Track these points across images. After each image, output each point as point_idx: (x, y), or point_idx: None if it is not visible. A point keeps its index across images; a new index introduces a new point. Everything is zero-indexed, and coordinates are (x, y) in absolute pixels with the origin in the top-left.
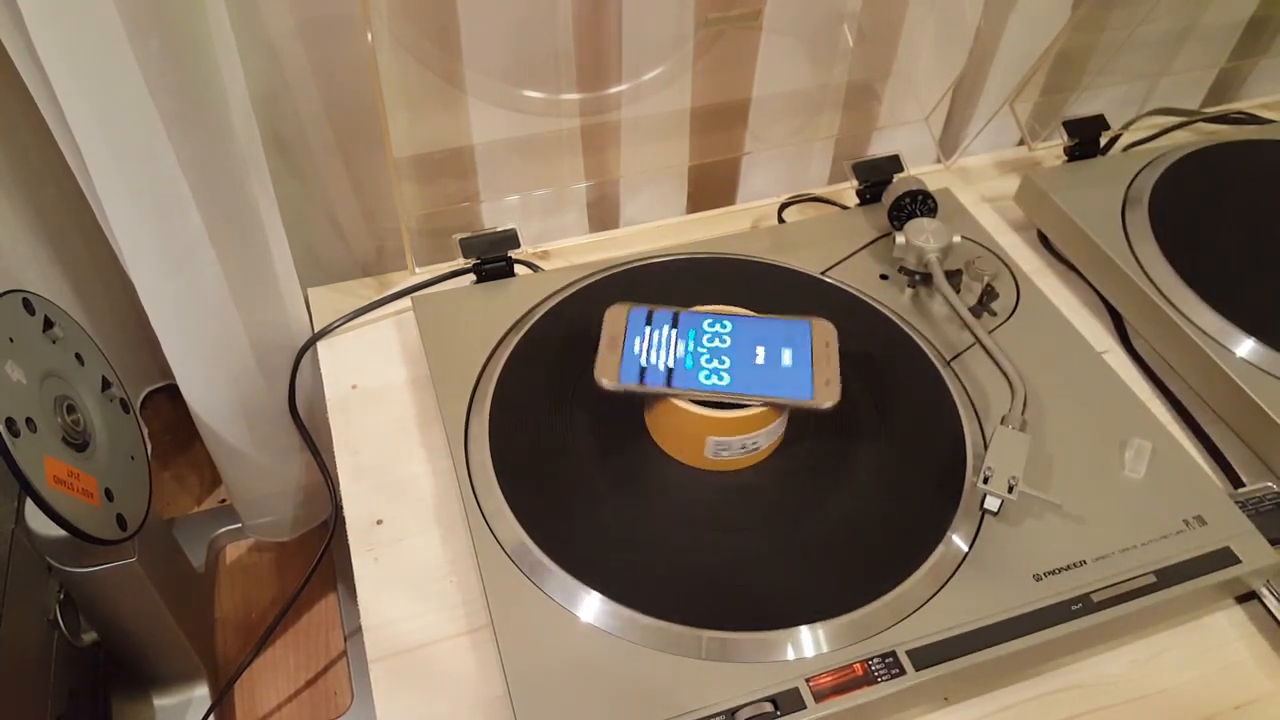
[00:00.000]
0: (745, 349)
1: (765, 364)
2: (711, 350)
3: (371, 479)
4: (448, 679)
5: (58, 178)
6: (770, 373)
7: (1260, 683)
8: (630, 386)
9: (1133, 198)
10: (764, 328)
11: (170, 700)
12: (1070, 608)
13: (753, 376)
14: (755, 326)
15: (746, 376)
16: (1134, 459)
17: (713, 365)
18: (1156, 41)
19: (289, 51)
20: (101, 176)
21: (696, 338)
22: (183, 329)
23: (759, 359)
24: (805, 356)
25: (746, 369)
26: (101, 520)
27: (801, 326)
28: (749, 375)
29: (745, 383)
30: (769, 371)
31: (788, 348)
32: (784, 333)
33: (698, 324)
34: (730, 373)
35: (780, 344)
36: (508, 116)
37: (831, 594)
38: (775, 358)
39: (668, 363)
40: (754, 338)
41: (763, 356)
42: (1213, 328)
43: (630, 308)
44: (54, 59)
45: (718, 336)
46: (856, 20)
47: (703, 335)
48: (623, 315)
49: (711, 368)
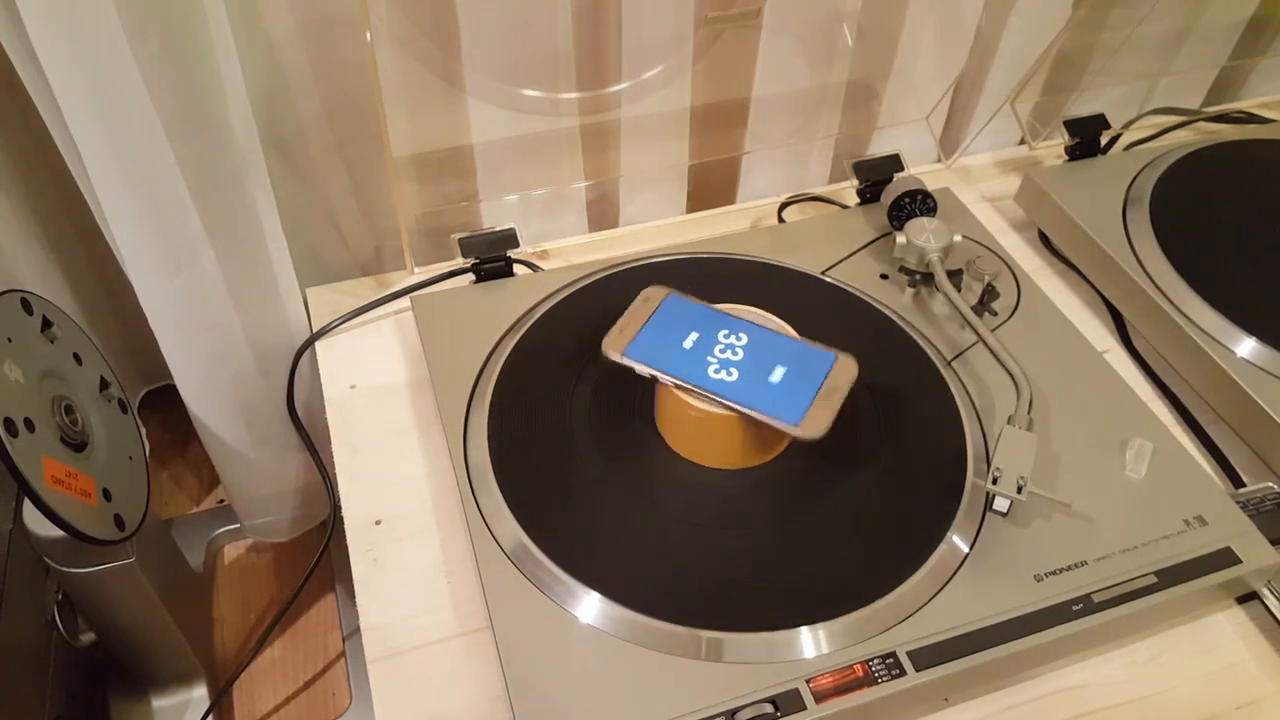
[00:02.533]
0: (758, 361)
1: (767, 380)
2: (724, 354)
3: (370, 479)
4: (447, 679)
5: (57, 178)
6: (767, 389)
7: (1261, 683)
8: (628, 362)
9: (1133, 197)
10: (785, 347)
11: (168, 701)
12: (1071, 608)
13: (749, 386)
14: (775, 343)
15: (743, 383)
16: (1135, 459)
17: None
18: (1157, 41)
19: (288, 51)
20: (100, 176)
21: (713, 339)
22: (181, 329)
23: (764, 373)
24: (813, 386)
25: (747, 377)
26: (99, 520)
27: (824, 357)
28: (746, 383)
29: (738, 388)
30: (766, 387)
31: (797, 372)
32: (802, 356)
33: (717, 328)
34: (729, 374)
35: (792, 366)
36: (507, 116)
37: (832, 594)
38: (779, 377)
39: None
40: (769, 353)
41: (769, 373)
42: (1213, 327)
43: (669, 292)
44: (53, 59)
45: (731, 348)
46: (856, 20)
47: (718, 339)
48: (658, 297)
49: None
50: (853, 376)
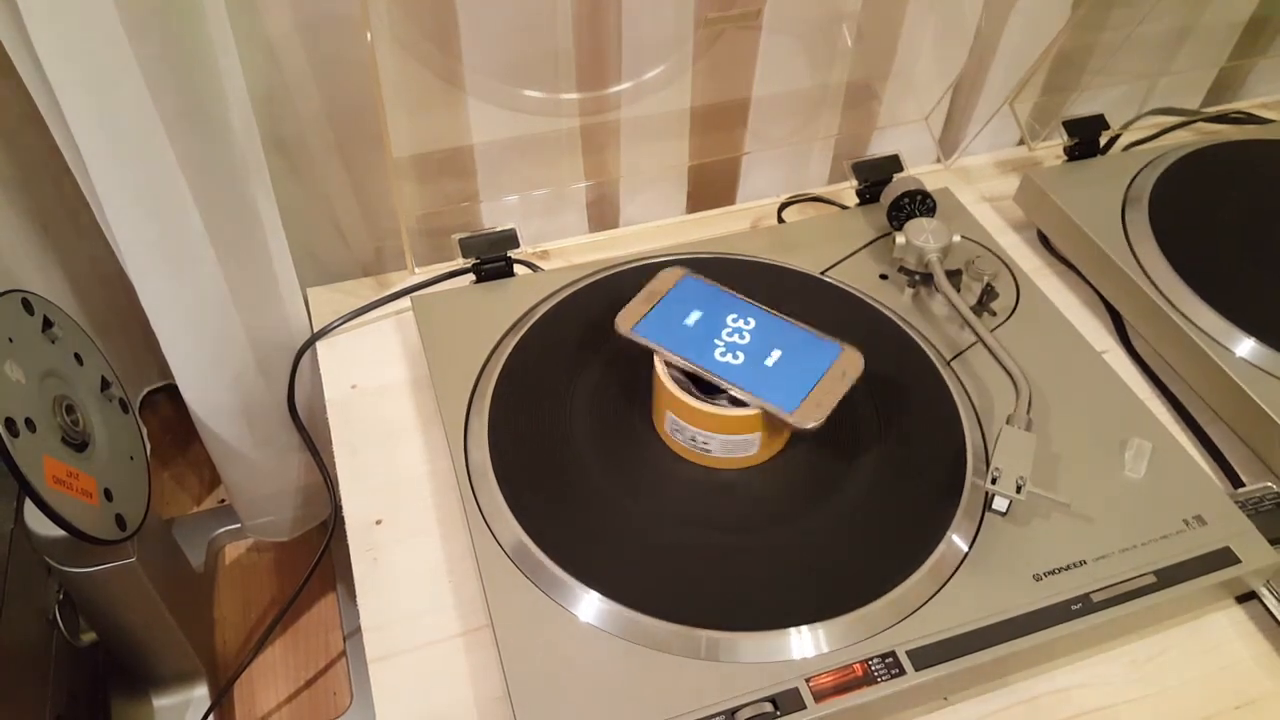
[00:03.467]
0: (763, 346)
1: (770, 367)
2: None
3: (371, 479)
4: (448, 679)
5: (58, 178)
6: (770, 376)
7: (1260, 683)
8: (637, 338)
9: (1132, 197)
10: (791, 334)
11: (169, 700)
12: (1070, 608)
13: (753, 373)
14: (782, 330)
15: (743, 367)
16: (1134, 459)
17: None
18: (1156, 41)
19: (289, 51)
20: (101, 176)
21: (721, 322)
22: (182, 329)
23: (769, 360)
24: (813, 376)
25: (748, 361)
26: (101, 520)
27: (830, 348)
28: (746, 367)
29: (738, 371)
30: (770, 374)
31: (802, 360)
32: (808, 346)
33: (726, 311)
34: (733, 357)
35: (796, 353)
36: (507, 116)
37: (831, 594)
38: (784, 365)
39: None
40: (776, 339)
41: (773, 360)
42: (1212, 327)
43: (684, 273)
44: (54, 59)
45: (739, 332)
46: (856, 20)
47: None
48: (675, 277)
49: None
50: (858, 370)
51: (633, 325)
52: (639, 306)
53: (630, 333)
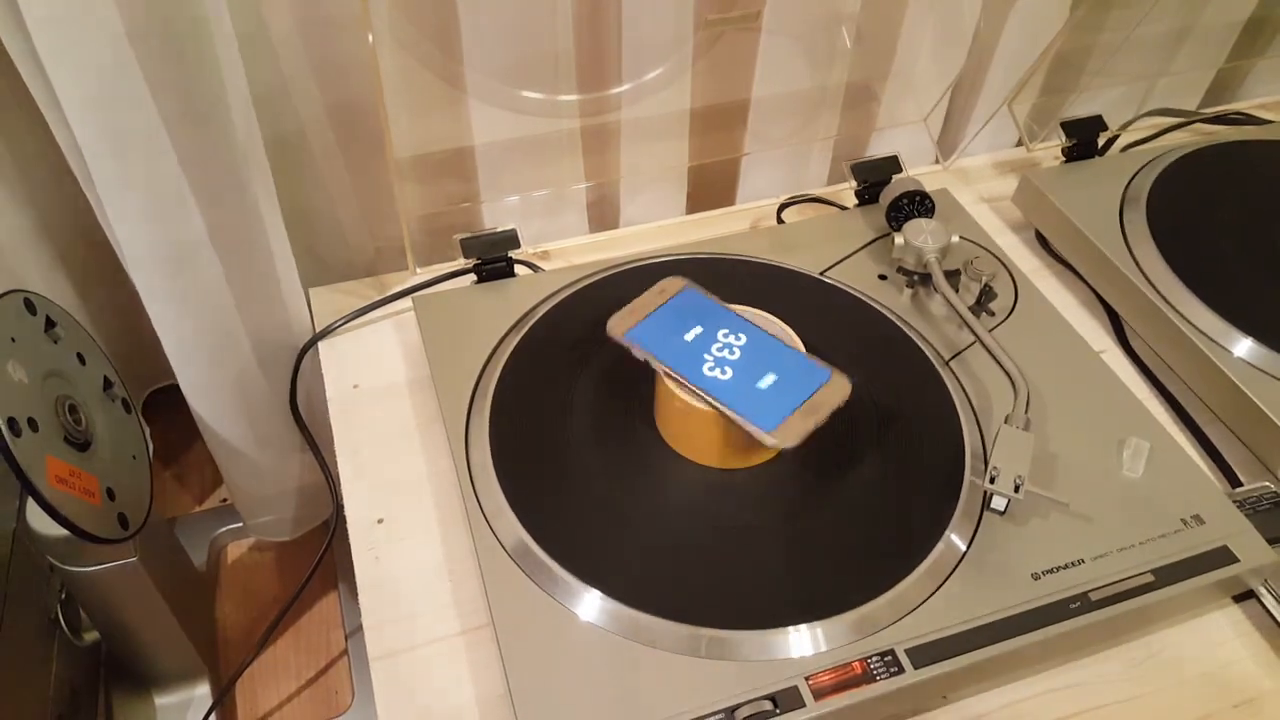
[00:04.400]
0: (751, 364)
1: (757, 386)
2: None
3: (372, 478)
4: (449, 677)
5: (58, 178)
6: (752, 392)
7: (1258, 682)
8: (628, 344)
9: (1131, 198)
10: (782, 355)
11: (171, 699)
12: (1068, 606)
13: (734, 386)
14: (773, 350)
15: (730, 383)
16: (1132, 458)
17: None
18: (1155, 42)
19: (290, 51)
20: (103, 176)
21: (712, 336)
22: (184, 329)
23: (756, 379)
24: (798, 398)
25: (736, 378)
26: (103, 519)
27: (819, 373)
28: (732, 383)
29: (723, 386)
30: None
31: (787, 381)
32: (796, 367)
33: (718, 326)
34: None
35: (783, 374)
36: (508, 117)
37: (830, 592)
38: (770, 384)
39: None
40: (765, 358)
41: (760, 378)
42: (1210, 328)
43: (686, 285)
44: (55, 59)
45: (729, 347)
46: (855, 21)
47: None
48: (675, 287)
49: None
50: (843, 398)
51: (625, 331)
52: (634, 312)
53: (622, 338)
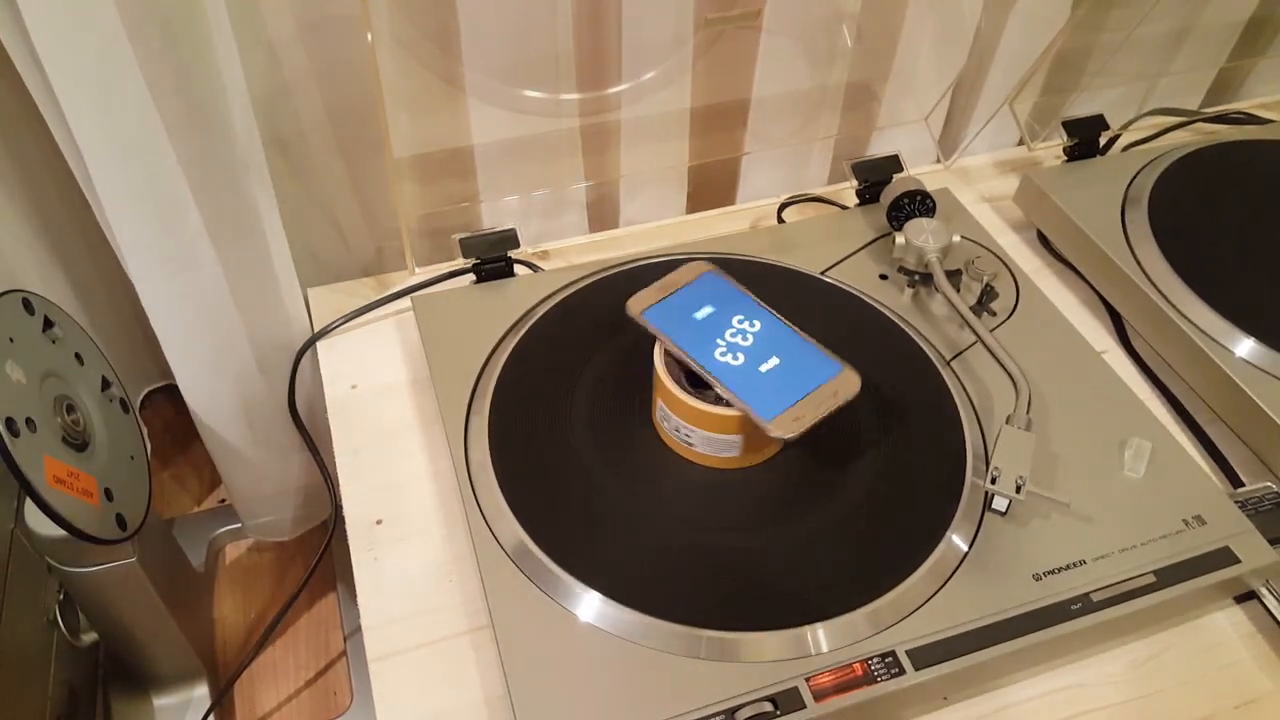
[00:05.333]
0: (761, 350)
1: (764, 373)
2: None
3: (371, 479)
4: (448, 679)
5: (58, 178)
6: (761, 381)
7: (1260, 683)
8: (645, 323)
9: (1132, 198)
10: (793, 344)
11: (170, 700)
12: (1070, 607)
13: (745, 375)
14: (789, 341)
15: (742, 372)
16: (1133, 459)
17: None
18: (1155, 42)
19: (289, 51)
20: (101, 176)
21: (727, 322)
22: (183, 329)
23: (764, 366)
24: (803, 389)
25: (749, 367)
26: (101, 520)
27: (829, 365)
28: (744, 373)
29: (734, 376)
30: (761, 380)
31: (794, 370)
32: (806, 358)
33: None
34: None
35: (791, 363)
36: (508, 117)
37: (831, 593)
38: (778, 373)
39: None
40: (778, 348)
41: (768, 366)
42: (1212, 327)
43: (708, 269)
44: (55, 59)
45: (743, 333)
46: (856, 21)
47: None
48: (695, 271)
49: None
50: (851, 393)
51: (643, 310)
52: (654, 293)
53: (639, 316)
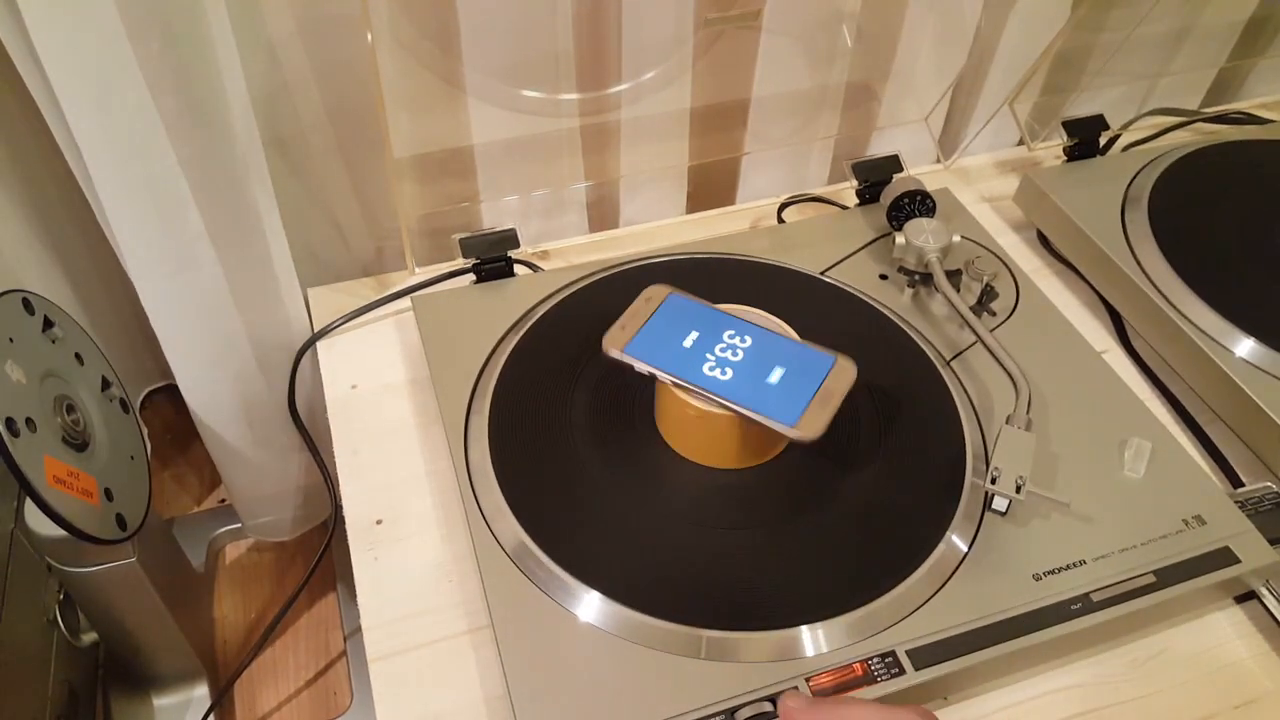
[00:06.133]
0: (757, 362)
1: (764, 381)
2: (724, 354)
3: (371, 479)
4: (448, 679)
5: (58, 178)
6: (765, 390)
7: (1260, 683)
8: (629, 359)
9: (1132, 198)
10: (785, 349)
11: (170, 700)
12: (1070, 607)
13: (747, 386)
14: (776, 345)
15: (741, 383)
16: (1133, 459)
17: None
18: (1156, 42)
19: (289, 51)
20: (101, 176)
21: (715, 339)
22: (183, 329)
23: (762, 374)
24: (811, 388)
25: (745, 378)
26: (101, 520)
27: (824, 360)
28: (744, 383)
29: (736, 388)
30: (764, 388)
31: (795, 373)
32: (802, 358)
33: (720, 329)
34: (727, 374)
35: (790, 367)
36: (508, 116)
37: (831, 593)
38: (778, 378)
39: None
40: (769, 354)
41: (767, 373)
42: (1212, 327)
43: (671, 291)
44: (54, 59)
45: (733, 348)
46: (856, 20)
47: (722, 339)
48: (660, 296)
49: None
50: (851, 380)
51: (623, 346)
52: (626, 327)
53: (623, 354)
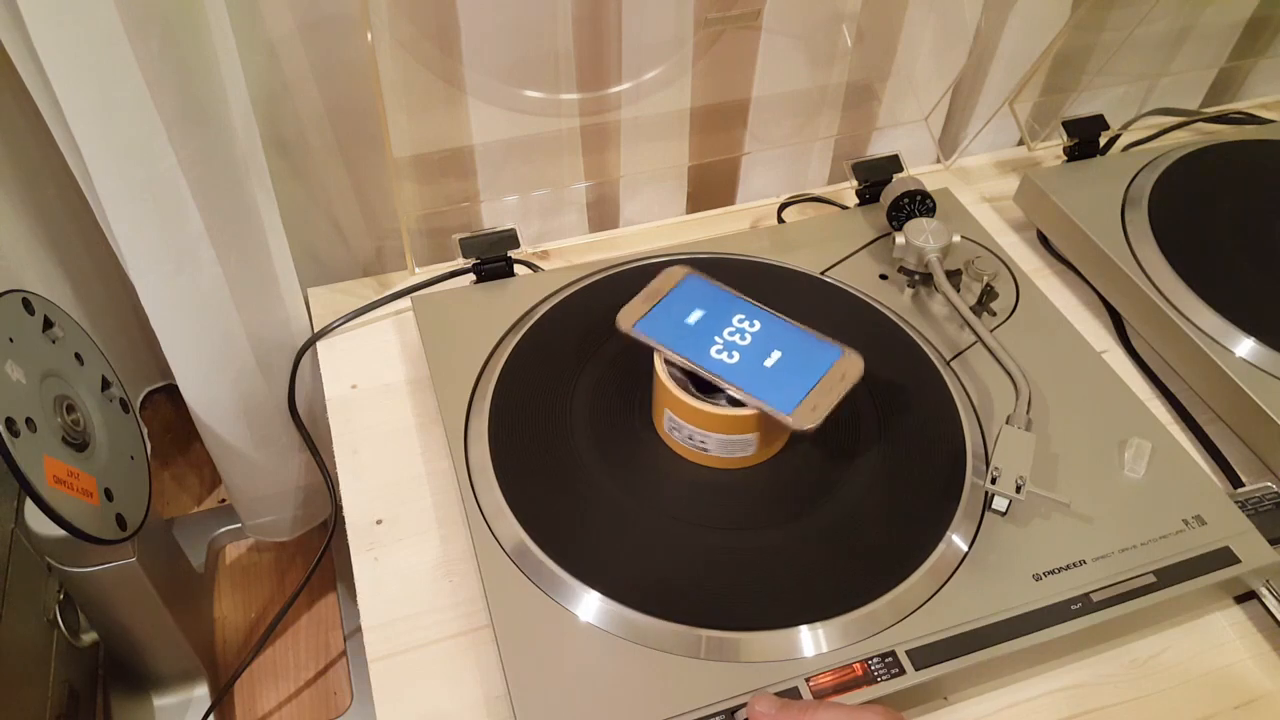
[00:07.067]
0: (763, 347)
1: (769, 368)
2: (731, 337)
3: (371, 479)
4: (448, 679)
5: (58, 178)
6: (769, 377)
7: (1260, 683)
8: (639, 335)
9: (1132, 198)
10: (793, 336)
11: (170, 700)
12: (1070, 607)
13: (747, 370)
14: (784, 332)
15: (741, 367)
16: (1134, 459)
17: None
18: (1156, 42)
19: (289, 51)
20: (101, 176)
21: (724, 322)
22: (182, 329)
23: (768, 361)
24: (812, 378)
25: (747, 362)
26: (101, 520)
27: (830, 351)
28: (745, 367)
29: (736, 371)
30: (768, 375)
31: (800, 362)
32: (808, 347)
33: (731, 312)
34: (730, 356)
35: (795, 355)
36: (508, 116)
37: (831, 593)
38: (783, 366)
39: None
40: (776, 341)
41: (772, 361)
42: (1212, 327)
43: (689, 272)
44: (54, 59)
45: (741, 333)
46: (856, 20)
47: (730, 323)
48: (678, 276)
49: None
50: (857, 374)
51: (634, 323)
52: (641, 304)
53: (632, 330)
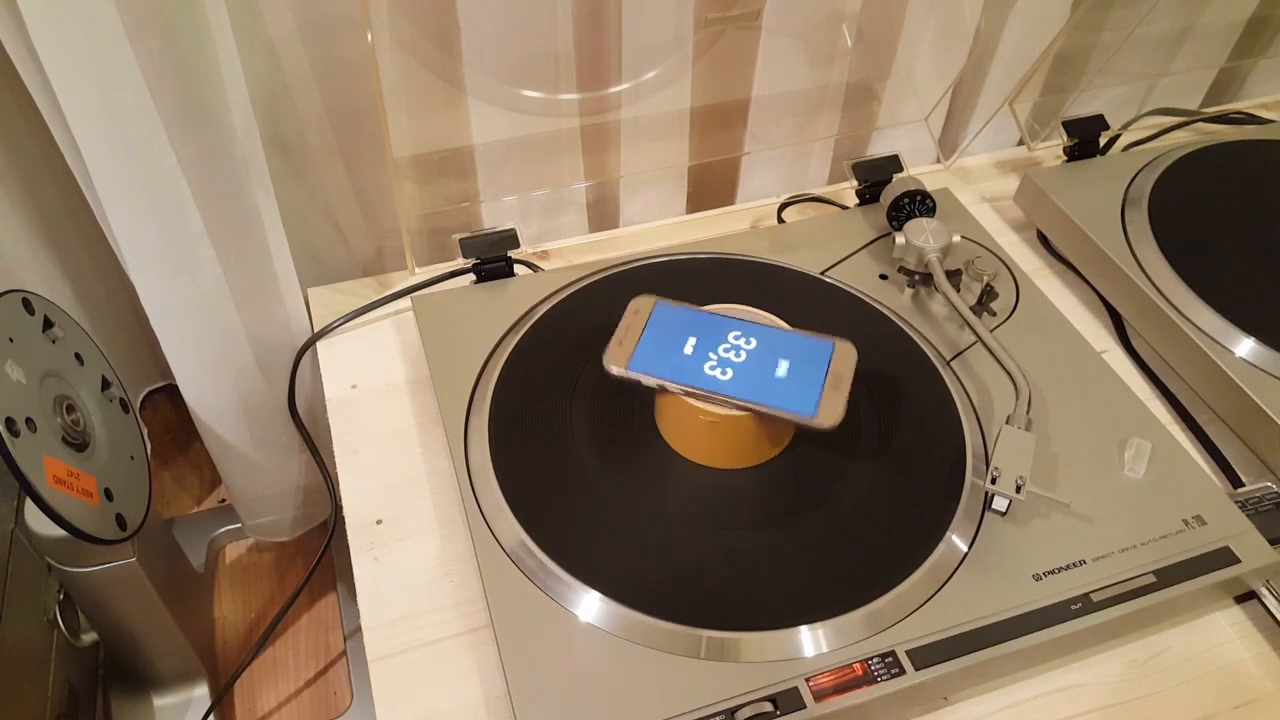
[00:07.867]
0: (759, 357)
1: (773, 375)
2: (726, 354)
3: (371, 479)
4: (448, 679)
5: (58, 178)
6: (776, 384)
7: (1260, 683)
8: (635, 375)
9: (1132, 198)
10: (784, 341)
11: (170, 700)
12: (1070, 607)
13: (758, 384)
14: (774, 338)
15: (751, 382)
16: (1134, 459)
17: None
18: (1156, 42)
19: (289, 51)
20: (101, 176)
21: (717, 341)
22: (182, 329)
23: (768, 369)
24: (819, 376)
25: (753, 375)
26: (101, 520)
27: (824, 346)
28: (754, 381)
29: (747, 387)
30: (775, 383)
31: (801, 363)
32: (802, 349)
33: (715, 331)
34: (735, 374)
35: (794, 358)
36: (508, 116)
37: (831, 593)
38: (785, 371)
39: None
40: (770, 349)
41: (773, 368)
42: (1212, 327)
43: (657, 300)
44: (54, 59)
45: (736, 349)
46: (856, 20)
47: (726, 340)
48: (648, 306)
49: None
50: (854, 360)
51: (625, 363)
52: (622, 342)
53: (626, 371)
